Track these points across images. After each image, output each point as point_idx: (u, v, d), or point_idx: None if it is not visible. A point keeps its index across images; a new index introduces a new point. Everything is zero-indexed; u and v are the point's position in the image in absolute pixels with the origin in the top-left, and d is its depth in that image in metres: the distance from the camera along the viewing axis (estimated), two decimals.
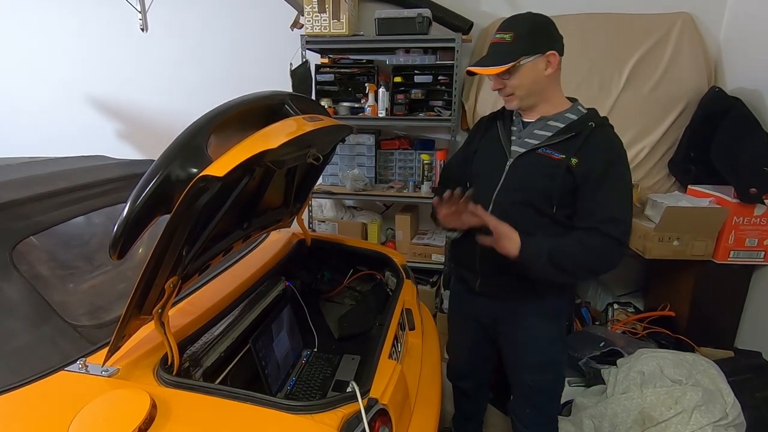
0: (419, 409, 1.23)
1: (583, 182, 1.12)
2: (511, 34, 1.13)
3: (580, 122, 1.17)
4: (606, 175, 1.11)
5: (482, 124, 1.37)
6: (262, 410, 0.88)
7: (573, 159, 1.12)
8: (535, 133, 1.20)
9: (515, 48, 1.13)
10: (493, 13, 2.48)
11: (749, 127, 2.00)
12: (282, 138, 0.98)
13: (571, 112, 1.20)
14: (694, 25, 2.27)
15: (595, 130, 1.14)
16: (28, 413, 0.88)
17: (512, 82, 1.16)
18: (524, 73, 1.14)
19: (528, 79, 1.15)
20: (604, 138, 1.15)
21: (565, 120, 1.18)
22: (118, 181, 1.45)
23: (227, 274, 1.47)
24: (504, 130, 1.26)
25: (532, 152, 1.18)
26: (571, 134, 1.15)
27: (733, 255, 2.04)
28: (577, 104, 1.22)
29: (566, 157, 1.13)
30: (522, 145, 1.21)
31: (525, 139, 1.21)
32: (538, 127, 1.20)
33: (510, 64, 1.12)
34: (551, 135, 1.17)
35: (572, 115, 1.19)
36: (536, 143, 1.18)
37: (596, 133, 1.14)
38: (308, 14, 2.35)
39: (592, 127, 1.14)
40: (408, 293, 1.63)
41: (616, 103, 2.34)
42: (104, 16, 3.00)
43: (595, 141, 1.13)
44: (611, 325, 2.35)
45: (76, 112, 3.26)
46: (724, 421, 1.50)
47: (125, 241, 0.85)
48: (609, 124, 1.19)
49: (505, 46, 1.14)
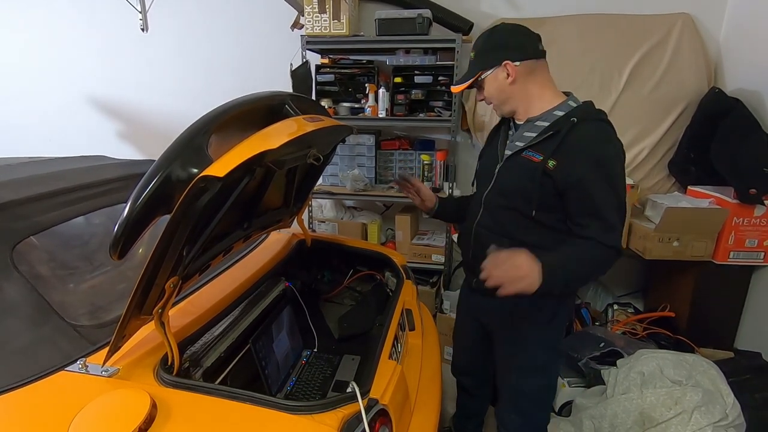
0: (419, 410, 1.23)
1: (566, 187, 1.08)
2: (474, 52, 1.22)
3: (563, 119, 1.12)
4: (590, 178, 1.06)
5: (494, 128, 1.38)
6: (262, 410, 0.88)
7: (550, 161, 1.09)
8: (523, 135, 1.20)
9: (476, 64, 1.20)
10: (493, 13, 2.49)
11: (749, 128, 2.00)
12: (282, 138, 0.99)
13: (560, 108, 1.16)
14: (694, 26, 2.27)
15: (575, 126, 1.08)
16: (29, 413, 0.88)
17: (485, 94, 1.22)
18: (488, 85, 1.20)
19: (493, 89, 1.20)
20: (583, 135, 1.08)
21: (551, 118, 1.15)
22: (118, 181, 1.45)
23: (227, 275, 1.47)
24: (504, 134, 1.29)
25: (517, 155, 1.18)
26: (551, 133, 1.11)
27: (733, 256, 2.04)
28: (570, 99, 1.18)
29: (544, 159, 1.10)
30: (511, 148, 1.22)
31: (515, 142, 1.22)
32: (526, 129, 1.20)
33: (469, 81, 1.20)
34: (535, 135, 1.15)
35: (559, 112, 1.15)
36: (522, 145, 1.18)
37: (576, 130, 1.08)
38: (308, 14, 2.35)
39: (573, 123, 1.09)
40: (408, 293, 1.63)
41: (617, 103, 2.34)
42: (104, 17, 3.00)
43: (573, 139, 1.08)
44: (611, 325, 2.35)
45: (76, 112, 3.26)
46: (724, 421, 1.50)
47: (125, 241, 0.85)
48: (596, 118, 1.12)
49: (471, 62, 1.22)
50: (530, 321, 1.26)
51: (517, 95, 1.19)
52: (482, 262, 1.03)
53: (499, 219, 1.22)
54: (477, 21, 2.40)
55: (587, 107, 1.16)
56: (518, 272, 1.00)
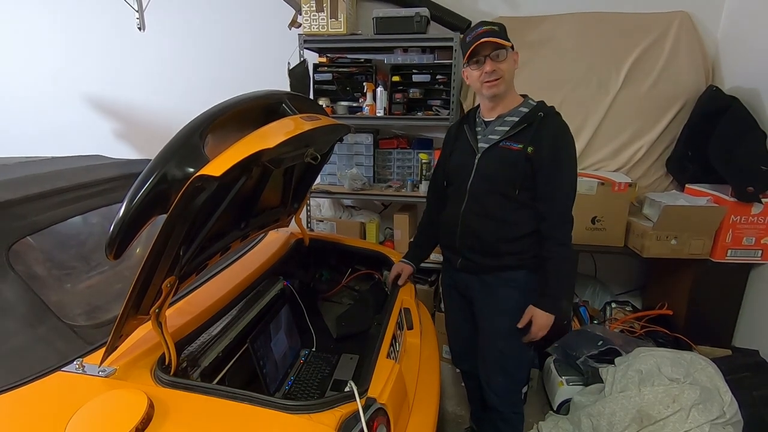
0: (417, 409, 1.23)
1: (539, 168, 1.31)
2: (497, 27, 1.31)
3: (531, 114, 1.35)
4: (553, 162, 1.31)
5: (452, 131, 1.56)
6: (259, 410, 0.88)
7: (529, 148, 1.31)
8: (496, 129, 1.39)
9: (505, 36, 1.31)
10: (491, 12, 2.48)
11: (746, 126, 2.00)
12: (279, 137, 0.98)
13: (524, 106, 1.39)
14: (691, 24, 2.28)
15: (544, 119, 1.33)
16: (25, 414, 0.88)
17: (503, 66, 1.31)
18: (509, 59, 1.32)
19: (510, 65, 1.33)
20: (552, 125, 1.33)
21: (519, 114, 1.37)
22: (114, 181, 1.44)
23: (225, 274, 1.47)
24: (471, 131, 1.45)
25: (495, 146, 1.37)
26: (525, 125, 1.33)
27: (731, 253, 2.05)
28: (528, 99, 1.41)
29: (524, 147, 1.32)
30: (486, 141, 1.40)
31: (489, 136, 1.40)
32: (497, 124, 1.39)
33: (510, 43, 1.30)
34: (509, 129, 1.36)
35: (524, 109, 1.38)
36: (497, 138, 1.37)
37: (545, 122, 1.33)
38: (306, 13, 2.35)
39: (541, 117, 1.33)
40: (406, 292, 1.63)
41: (614, 101, 2.34)
42: (101, 16, 2.99)
43: (545, 128, 1.32)
44: (609, 324, 2.36)
45: (73, 111, 3.25)
46: (722, 419, 1.50)
47: (122, 240, 0.85)
48: (556, 112, 1.37)
49: (498, 33, 1.29)
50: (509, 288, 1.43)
51: (512, 81, 1.37)
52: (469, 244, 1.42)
53: (484, 202, 1.40)
54: (475, 19, 2.40)
55: (545, 105, 1.39)
56: (548, 326, 1.37)
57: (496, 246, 1.39)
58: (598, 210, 2.16)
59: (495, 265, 1.41)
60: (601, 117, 2.36)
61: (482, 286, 1.46)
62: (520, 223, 1.37)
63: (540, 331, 1.37)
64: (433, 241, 1.71)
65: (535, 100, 1.41)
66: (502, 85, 1.32)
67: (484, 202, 1.39)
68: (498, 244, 1.39)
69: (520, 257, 1.39)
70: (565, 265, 1.42)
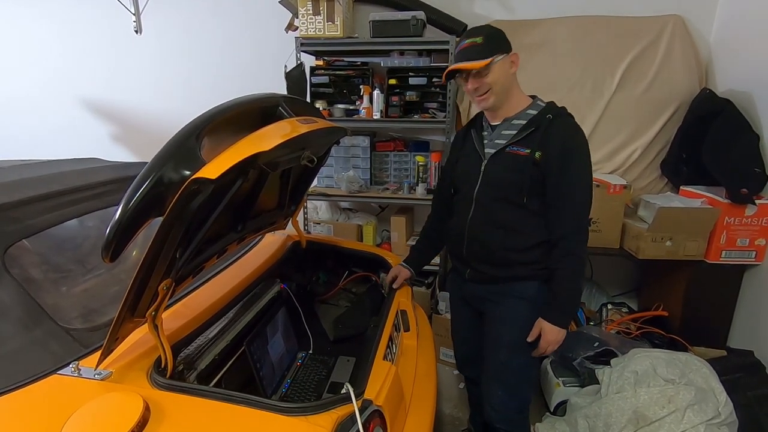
0: (414, 411, 1.23)
1: (547, 173, 1.25)
2: (480, 37, 1.25)
3: (539, 116, 1.29)
4: (561, 167, 1.23)
5: (459, 136, 1.51)
6: (256, 412, 0.88)
7: (537, 153, 1.24)
8: (502, 133, 1.33)
9: (487, 48, 1.24)
10: (487, 15, 2.50)
11: (740, 129, 2.02)
12: (276, 140, 0.99)
13: (532, 108, 1.32)
14: (685, 28, 2.30)
15: (552, 121, 1.26)
16: (20, 417, 0.87)
17: (488, 80, 1.26)
18: (496, 70, 1.25)
19: (500, 75, 1.26)
20: (561, 127, 1.26)
21: (526, 117, 1.31)
22: (111, 184, 1.44)
23: (222, 277, 1.47)
24: (477, 136, 1.40)
25: (501, 151, 1.31)
26: (532, 129, 1.27)
27: (725, 255, 2.06)
28: (537, 100, 1.34)
29: (531, 152, 1.25)
30: (493, 147, 1.34)
31: (495, 141, 1.34)
32: (504, 128, 1.33)
33: (488, 59, 1.22)
34: (516, 133, 1.30)
35: (532, 111, 1.31)
36: (504, 143, 1.31)
37: (554, 124, 1.26)
38: (303, 16, 2.36)
39: (549, 119, 1.26)
40: (403, 295, 1.64)
41: (609, 104, 2.36)
42: (98, 19, 2.99)
43: (553, 131, 1.25)
44: (605, 325, 2.36)
45: (69, 114, 3.24)
46: (717, 419, 1.51)
47: (117, 243, 0.85)
48: (567, 113, 1.30)
49: (478, 48, 1.24)
50: (517, 299, 1.37)
51: (511, 87, 1.31)
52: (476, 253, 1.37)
53: (491, 210, 1.34)
54: (470, 23, 2.41)
55: (554, 105, 1.32)
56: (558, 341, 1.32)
57: (506, 256, 1.33)
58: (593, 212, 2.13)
59: (505, 275, 1.36)
60: (596, 120, 2.37)
61: (491, 296, 1.41)
62: (531, 232, 1.30)
63: (549, 345, 1.31)
64: (434, 247, 1.68)
65: (545, 101, 1.34)
66: (491, 97, 1.28)
67: (492, 210, 1.33)
68: (507, 254, 1.33)
69: (532, 268, 1.32)
70: (576, 278, 1.30)
